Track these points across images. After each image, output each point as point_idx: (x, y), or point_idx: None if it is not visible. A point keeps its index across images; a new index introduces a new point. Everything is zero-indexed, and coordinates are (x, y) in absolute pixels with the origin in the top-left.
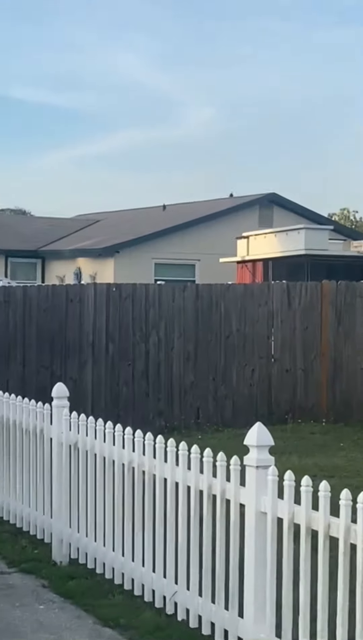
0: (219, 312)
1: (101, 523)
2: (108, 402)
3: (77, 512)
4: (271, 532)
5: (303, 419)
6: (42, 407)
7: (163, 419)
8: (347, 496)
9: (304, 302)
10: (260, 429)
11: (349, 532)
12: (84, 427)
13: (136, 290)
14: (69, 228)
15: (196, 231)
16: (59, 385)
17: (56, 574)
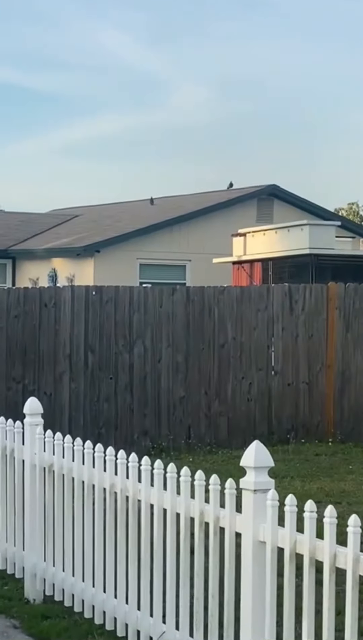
0: (213, 319)
1: (80, 556)
2: (88, 420)
3: (52, 544)
4: (270, 563)
5: (307, 438)
6: (13, 425)
7: (149, 439)
8: (355, 523)
9: (308, 307)
10: (259, 448)
11: (358, 563)
12: (60, 447)
13: (119, 293)
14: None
15: (186, 228)
16: (32, 401)
17: (28, 613)
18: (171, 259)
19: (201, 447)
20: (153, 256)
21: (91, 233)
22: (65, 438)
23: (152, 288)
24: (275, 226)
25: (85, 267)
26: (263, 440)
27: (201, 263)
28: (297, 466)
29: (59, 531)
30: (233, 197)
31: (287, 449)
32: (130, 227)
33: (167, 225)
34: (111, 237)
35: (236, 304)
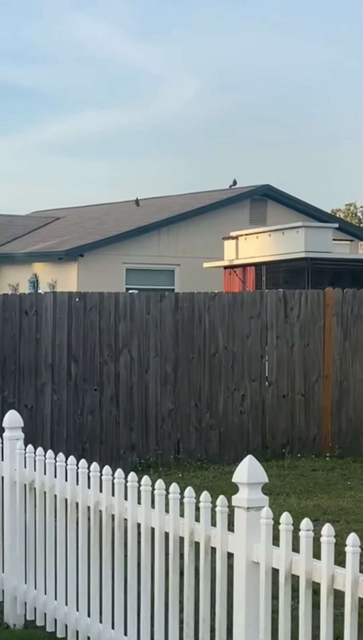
0: (203, 326)
1: (62, 578)
2: (71, 434)
3: (33, 565)
4: (265, 585)
5: (304, 452)
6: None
7: (136, 454)
8: (354, 542)
9: (304, 314)
10: (252, 463)
11: (357, 585)
12: (42, 463)
13: (104, 300)
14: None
15: (175, 230)
16: (11, 414)
17: (8, 639)
18: (159, 263)
19: (191, 463)
20: (139, 260)
21: (74, 236)
22: (47, 453)
23: (139, 294)
24: (269, 228)
25: (68, 272)
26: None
27: (190, 268)
28: (293, 482)
29: (40, 552)
30: (224, 198)
31: (282, 464)
32: (115, 229)
33: (155, 228)
34: (95, 240)
35: (227, 311)
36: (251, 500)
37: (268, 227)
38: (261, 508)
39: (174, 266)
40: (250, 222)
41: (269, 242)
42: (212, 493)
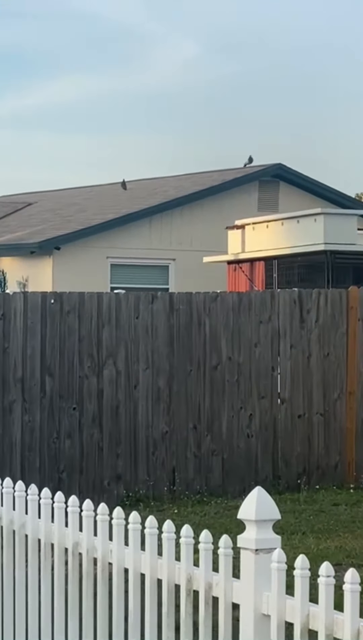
0: (203, 333)
1: (35, 633)
2: (45, 462)
3: (0, 619)
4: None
5: (323, 483)
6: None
7: (122, 486)
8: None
9: (323, 318)
10: (261, 496)
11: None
12: (10, 496)
13: (85, 301)
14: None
15: (169, 218)
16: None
17: None
18: (151, 257)
19: (189, 496)
20: (127, 254)
21: (48, 225)
22: (16, 485)
23: (126, 295)
24: (282, 216)
25: (41, 268)
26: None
27: (188, 263)
28: (310, 519)
29: (8, 604)
30: (228, 179)
31: (297, 497)
32: (98, 217)
33: (145, 216)
34: (75, 230)
35: (232, 314)
36: (261, 540)
37: (280, 214)
38: (272, 550)
39: (168, 261)
40: (258, 209)
41: (281, 232)
42: (214, 532)
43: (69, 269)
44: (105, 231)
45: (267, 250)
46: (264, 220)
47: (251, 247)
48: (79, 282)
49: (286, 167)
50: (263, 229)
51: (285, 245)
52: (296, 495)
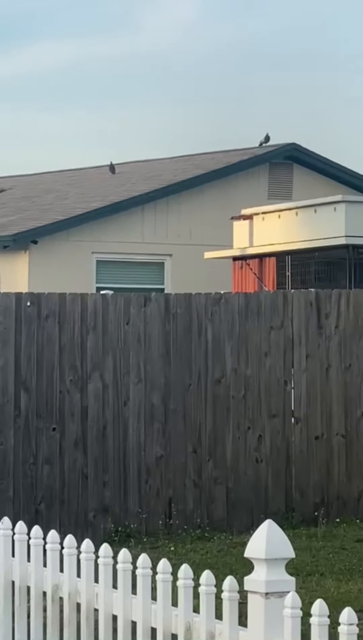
0: (205, 341)
1: None
2: (19, 491)
3: None
4: None
5: (344, 516)
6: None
7: (110, 519)
8: None
9: (345, 324)
10: (272, 531)
11: None
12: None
13: (66, 304)
14: None
15: (164, 207)
16: None
17: None
18: (143, 253)
19: (188, 531)
20: (115, 249)
21: (23, 215)
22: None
23: (115, 296)
24: (296, 204)
25: (15, 265)
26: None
27: (186, 259)
28: (329, 558)
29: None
30: (233, 162)
31: (314, 532)
32: (82, 206)
33: (137, 204)
34: (54, 221)
35: (238, 319)
36: (272, 582)
37: (294, 202)
38: (285, 594)
39: (164, 257)
40: (269, 196)
41: (296, 223)
42: (217, 573)
43: (48, 266)
44: (89, 222)
45: (279, 244)
46: (275, 209)
47: (261, 241)
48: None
49: (301, 148)
50: (275, 220)
51: (299, 238)
52: (313, 530)
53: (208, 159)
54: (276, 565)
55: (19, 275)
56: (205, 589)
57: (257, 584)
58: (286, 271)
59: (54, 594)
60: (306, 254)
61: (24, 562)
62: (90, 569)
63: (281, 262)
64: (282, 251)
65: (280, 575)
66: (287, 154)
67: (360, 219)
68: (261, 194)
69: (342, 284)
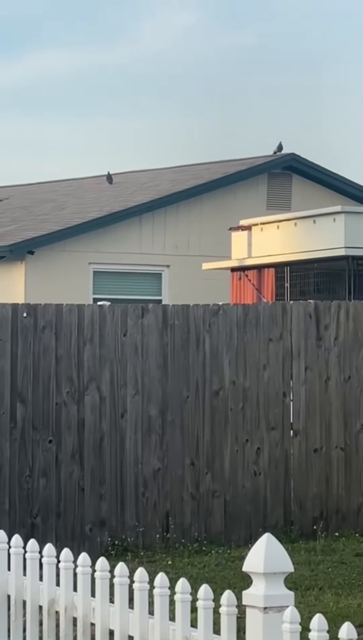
0: (203, 353)
1: None
2: (15, 504)
3: None
4: None
5: (344, 530)
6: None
7: (107, 532)
8: None
9: (344, 335)
10: (271, 545)
11: None
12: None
13: (63, 315)
14: None
15: (162, 218)
16: None
17: None
18: (141, 264)
19: (186, 545)
20: (113, 260)
21: (20, 225)
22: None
23: (112, 307)
24: (295, 215)
25: (12, 276)
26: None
27: (184, 270)
28: (328, 572)
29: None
30: (231, 172)
31: (314, 546)
32: (79, 216)
33: (134, 215)
34: (51, 231)
35: (236, 330)
36: (270, 597)
37: (293, 213)
38: (283, 608)
39: (161, 268)
40: (267, 206)
41: (295, 234)
42: (215, 587)
43: (44, 277)
44: (87, 233)
45: (278, 255)
46: (274, 220)
47: (259, 252)
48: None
49: (300, 158)
50: (273, 230)
51: (298, 249)
52: (312, 544)
53: (206, 169)
54: (275, 579)
55: (16, 286)
56: (203, 603)
57: (256, 599)
58: (285, 282)
59: (50, 608)
60: (306, 265)
61: (20, 575)
62: (87, 583)
63: (280, 273)
64: (281, 262)
65: (279, 589)
66: (286, 164)
67: (359, 229)
68: (259, 204)
69: (341, 295)
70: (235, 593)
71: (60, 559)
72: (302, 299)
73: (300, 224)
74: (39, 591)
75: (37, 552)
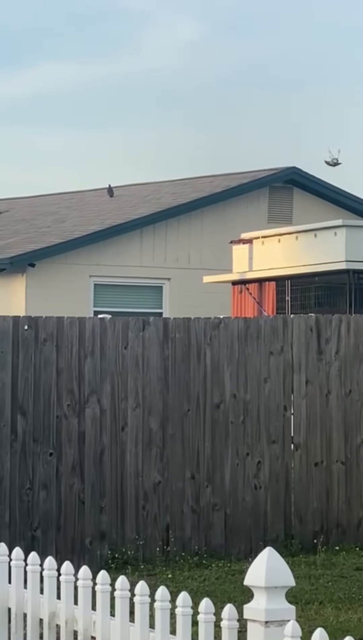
0: (204, 366)
1: None
2: (15, 517)
3: None
4: None
5: (344, 544)
6: None
7: (107, 545)
8: None
9: (345, 349)
10: (272, 559)
11: None
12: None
13: (64, 328)
14: None
15: (163, 231)
16: None
17: None
18: (142, 277)
19: (186, 558)
20: (113, 273)
21: (21, 238)
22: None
23: (113, 320)
24: (296, 228)
25: (13, 288)
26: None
27: (185, 283)
28: (329, 586)
29: None
30: (232, 185)
31: (314, 560)
32: (80, 229)
33: (135, 228)
34: (52, 244)
35: (237, 344)
36: (272, 611)
37: (294, 227)
38: (285, 622)
39: (162, 281)
40: (268, 220)
41: (296, 248)
42: (216, 601)
43: (45, 290)
44: (88, 245)
45: (279, 269)
46: (275, 233)
47: (260, 265)
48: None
49: (301, 171)
50: (274, 244)
51: (299, 262)
52: (313, 558)
53: (208, 182)
54: (276, 593)
55: (16, 299)
56: (204, 617)
57: (257, 613)
58: (286, 296)
59: (51, 621)
60: (307, 279)
61: (20, 588)
62: (87, 596)
63: (281, 286)
64: (282, 276)
65: (280, 603)
66: (287, 177)
67: (360, 243)
68: (261, 218)
69: (342, 309)
70: (236, 607)
71: (61, 572)
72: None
73: (301, 238)
74: (40, 604)
75: (38, 565)
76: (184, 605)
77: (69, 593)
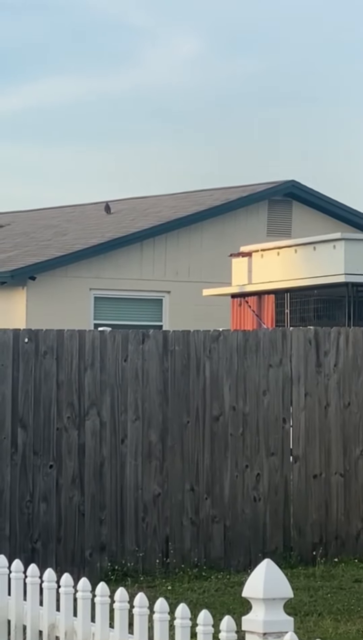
0: (203, 378)
1: None
2: (16, 529)
3: None
4: None
5: (343, 556)
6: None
7: (107, 557)
8: None
9: (344, 361)
10: (270, 570)
11: None
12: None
13: (64, 340)
14: None
15: (163, 244)
16: None
17: None
18: (141, 290)
19: (185, 570)
20: (113, 286)
21: (22, 251)
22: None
23: (113, 333)
24: (295, 242)
25: (13, 301)
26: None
27: (184, 296)
28: (328, 598)
29: None
30: (232, 199)
31: (313, 571)
32: (80, 242)
33: (135, 241)
34: (53, 257)
35: (237, 356)
36: (270, 622)
37: (293, 240)
38: (283, 634)
39: (162, 294)
40: (268, 233)
41: (295, 261)
42: (214, 613)
43: (45, 303)
44: (88, 258)
45: (278, 282)
46: (274, 246)
47: (259, 278)
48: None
49: (300, 185)
50: (274, 257)
51: (298, 275)
52: (311, 570)
53: (207, 195)
54: (275, 605)
55: (17, 311)
56: (203, 628)
57: (255, 624)
58: (285, 309)
59: (51, 633)
60: (306, 292)
61: (20, 600)
62: (87, 608)
63: (280, 299)
64: (281, 289)
65: (278, 615)
66: (286, 191)
67: (359, 256)
68: (260, 231)
69: (341, 321)
70: (235, 618)
71: (60, 583)
72: (302, 325)
73: (300, 251)
74: (39, 616)
75: (38, 577)
76: (183, 617)
77: (68, 605)
